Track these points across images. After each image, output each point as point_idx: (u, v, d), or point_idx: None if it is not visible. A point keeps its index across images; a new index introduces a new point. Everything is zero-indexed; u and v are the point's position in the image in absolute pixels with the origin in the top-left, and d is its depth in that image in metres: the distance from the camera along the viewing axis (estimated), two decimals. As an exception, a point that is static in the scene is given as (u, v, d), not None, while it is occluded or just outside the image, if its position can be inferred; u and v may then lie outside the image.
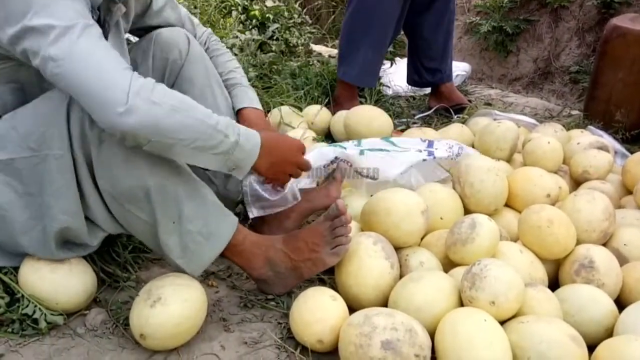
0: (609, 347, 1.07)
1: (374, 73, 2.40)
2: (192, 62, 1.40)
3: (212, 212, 1.21)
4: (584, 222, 1.39)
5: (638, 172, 1.66)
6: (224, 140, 1.12)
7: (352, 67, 2.31)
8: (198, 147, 1.10)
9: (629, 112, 2.19)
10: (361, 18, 2.26)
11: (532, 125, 2.20)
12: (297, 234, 1.31)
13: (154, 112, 1.03)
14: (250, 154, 1.19)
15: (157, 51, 1.39)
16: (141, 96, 1.02)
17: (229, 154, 1.15)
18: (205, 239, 1.20)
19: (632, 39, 2.15)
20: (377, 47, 2.30)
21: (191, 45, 1.41)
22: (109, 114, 1.01)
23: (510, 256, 1.32)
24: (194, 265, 1.22)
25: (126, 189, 1.14)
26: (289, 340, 1.20)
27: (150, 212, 1.16)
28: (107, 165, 1.12)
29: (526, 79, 3.34)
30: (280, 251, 1.28)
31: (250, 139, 1.19)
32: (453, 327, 1.08)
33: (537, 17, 3.34)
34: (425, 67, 2.53)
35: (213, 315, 1.27)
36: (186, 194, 1.18)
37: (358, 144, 1.62)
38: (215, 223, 1.21)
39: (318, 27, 3.49)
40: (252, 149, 1.19)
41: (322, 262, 1.27)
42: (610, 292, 1.27)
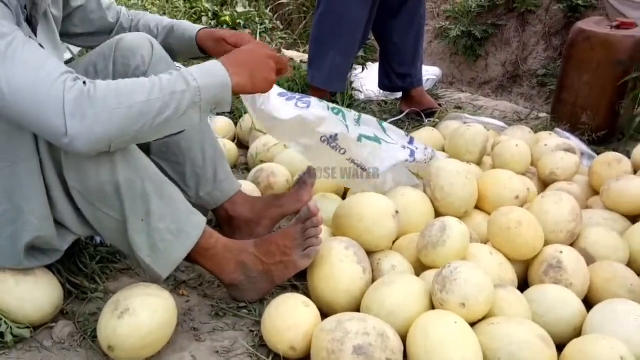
0: (577, 346, 1.08)
1: (343, 77, 2.40)
2: (156, 67, 1.36)
3: (180, 209, 1.20)
4: (552, 223, 1.42)
5: (604, 173, 1.69)
6: (182, 97, 1.07)
7: (320, 71, 2.31)
8: (162, 121, 1.06)
9: (595, 114, 2.23)
10: (329, 22, 2.27)
11: (501, 128, 2.23)
12: (269, 237, 1.30)
13: (97, 127, 1.00)
14: (221, 84, 1.12)
15: (118, 57, 1.36)
16: (77, 117, 0.98)
17: (197, 102, 1.10)
18: (175, 236, 1.18)
19: (597, 42, 2.19)
20: (345, 52, 2.30)
21: (155, 50, 1.38)
22: (58, 144, 1.01)
23: (481, 258, 1.33)
24: (163, 264, 1.19)
25: (96, 185, 1.12)
26: (261, 348, 1.19)
27: (119, 209, 1.14)
28: (75, 163, 1.10)
29: (495, 82, 3.39)
30: (252, 255, 1.27)
31: (211, 71, 1.13)
32: (424, 330, 1.08)
33: (505, 21, 3.39)
34: (395, 72, 2.55)
35: (184, 325, 1.25)
36: (154, 191, 1.16)
37: (357, 122, 1.55)
38: (184, 221, 1.20)
39: (289, 33, 3.49)
40: (219, 79, 1.12)
41: (294, 265, 1.26)
42: (578, 292, 1.29)
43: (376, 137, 1.54)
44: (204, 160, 1.45)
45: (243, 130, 2.16)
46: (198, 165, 1.45)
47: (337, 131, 1.48)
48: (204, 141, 1.45)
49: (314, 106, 1.48)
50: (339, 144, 1.50)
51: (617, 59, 2.14)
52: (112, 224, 1.16)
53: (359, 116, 1.57)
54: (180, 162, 1.45)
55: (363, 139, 1.51)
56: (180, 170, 1.45)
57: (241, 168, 2.03)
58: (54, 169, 1.11)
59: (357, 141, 1.50)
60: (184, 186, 1.45)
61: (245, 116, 2.18)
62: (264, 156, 1.93)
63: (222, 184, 1.48)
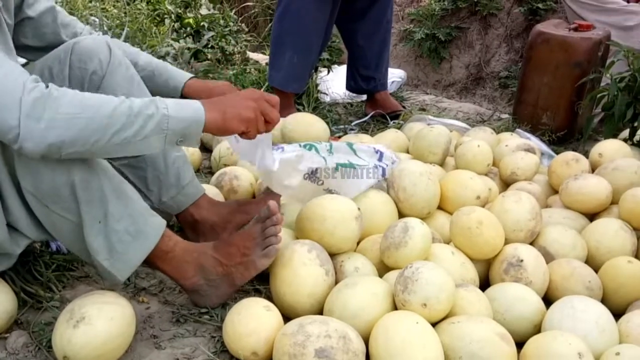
0: (536, 343, 1.09)
1: (301, 78, 2.38)
2: (114, 72, 1.33)
3: (139, 211, 1.17)
4: (512, 222, 1.43)
5: (563, 172, 1.73)
6: (148, 121, 1.05)
7: (278, 71, 2.31)
8: (120, 140, 1.03)
9: (555, 115, 2.28)
10: (287, 23, 2.26)
11: (464, 130, 2.26)
12: (228, 239, 1.28)
13: (51, 132, 0.97)
14: (193, 119, 1.09)
15: (74, 61, 1.31)
16: (32, 118, 0.96)
17: (164, 130, 1.07)
18: (133, 238, 1.15)
19: (555, 44, 2.24)
20: (303, 52, 2.29)
21: (113, 54, 1.34)
22: (9, 143, 0.98)
23: (443, 258, 1.34)
24: (121, 266, 1.16)
25: (50, 187, 1.08)
26: (222, 354, 1.17)
27: (75, 211, 1.11)
28: (28, 164, 1.06)
29: (459, 84, 3.43)
30: (212, 257, 1.25)
31: (186, 104, 1.10)
32: (386, 331, 1.08)
33: (468, 24, 3.45)
34: (360, 75, 2.56)
35: (143, 333, 1.22)
36: (112, 192, 1.13)
37: (330, 151, 1.57)
38: (143, 222, 1.17)
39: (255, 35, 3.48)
40: (193, 113, 1.09)
41: (254, 265, 1.25)
42: (538, 290, 1.30)
43: (350, 163, 1.55)
44: (166, 164, 1.43)
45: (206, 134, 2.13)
46: (160, 170, 1.42)
47: (316, 165, 1.51)
48: None
49: (288, 149, 1.51)
50: (318, 177, 1.53)
51: (575, 60, 2.19)
52: (67, 226, 1.13)
53: (330, 146, 1.59)
54: (142, 166, 1.42)
55: (339, 167, 1.53)
56: (141, 175, 1.42)
57: (204, 172, 2.01)
58: (5, 170, 1.08)
59: (335, 170, 1.53)
60: (146, 191, 1.43)
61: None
62: (228, 159, 1.91)
63: (185, 188, 1.46)
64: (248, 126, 1.17)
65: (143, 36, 2.70)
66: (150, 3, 3.10)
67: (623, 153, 1.79)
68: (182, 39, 2.87)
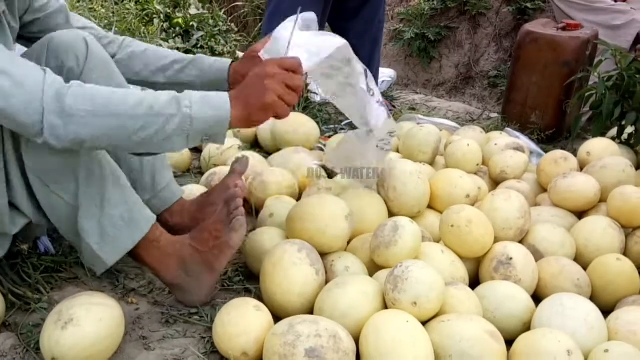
0: (526, 341, 1.10)
1: None
2: (92, 68, 1.28)
3: (133, 200, 1.20)
4: (501, 220, 1.44)
5: (552, 171, 1.74)
6: (169, 121, 1.03)
7: None
8: (142, 139, 1.03)
9: (543, 114, 2.29)
10: (277, 21, 2.25)
11: (454, 129, 2.27)
12: (201, 226, 1.28)
13: (71, 128, 1.00)
14: (218, 119, 1.06)
15: (51, 57, 1.26)
16: (55, 113, 0.99)
17: (185, 131, 1.05)
18: (126, 224, 1.17)
19: (544, 43, 2.25)
20: None
21: (90, 49, 1.29)
22: (31, 137, 1.02)
23: (433, 257, 1.34)
24: (109, 250, 1.17)
25: (54, 165, 1.11)
26: (213, 355, 1.17)
27: (74, 193, 1.13)
28: (35, 144, 1.06)
29: (449, 84, 3.45)
30: (189, 247, 1.26)
31: (212, 101, 1.06)
32: (376, 330, 1.08)
33: (457, 24, 3.46)
34: None
35: (132, 334, 1.21)
36: (110, 177, 1.16)
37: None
38: (137, 210, 1.19)
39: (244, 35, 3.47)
40: (218, 112, 1.06)
41: (227, 245, 1.24)
42: (527, 288, 1.31)
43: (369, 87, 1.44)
44: (142, 166, 1.40)
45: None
46: (136, 172, 1.39)
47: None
48: None
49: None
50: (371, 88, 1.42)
51: (563, 59, 2.21)
52: (64, 208, 1.15)
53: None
54: None
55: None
56: None
57: (194, 172, 2.00)
58: (12, 147, 1.10)
59: None
60: None
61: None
62: (218, 159, 1.90)
63: (161, 192, 1.43)
64: (275, 110, 1.11)
65: (132, 36, 2.68)
66: (138, 3, 3.08)
67: (611, 151, 1.81)
68: (172, 39, 2.86)
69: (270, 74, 1.10)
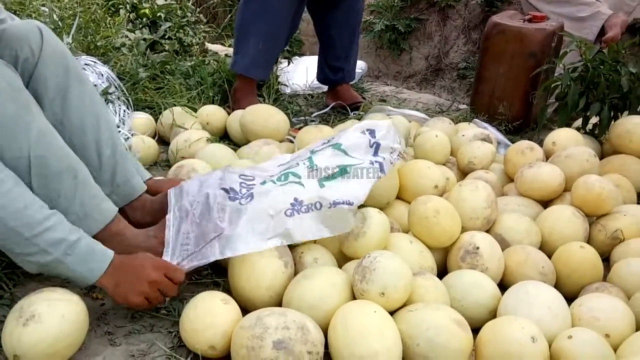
0: (492, 328, 1.11)
1: (264, 66, 2.35)
2: (47, 59, 1.25)
3: (92, 194, 1.18)
4: (469, 210, 1.45)
5: (518, 161, 1.76)
6: (43, 255, 1.09)
7: (242, 57, 2.28)
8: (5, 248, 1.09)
9: (511, 104, 2.32)
10: (252, 8, 2.24)
11: (423, 120, 2.28)
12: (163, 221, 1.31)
13: None
14: (80, 277, 1.13)
15: (5, 49, 1.23)
16: None
17: (46, 267, 1.11)
18: (80, 220, 1.16)
19: (510, 35, 2.27)
20: (268, 40, 2.27)
21: (45, 39, 1.26)
22: None
23: (401, 247, 1.35)
24: None
25: (8, 160, 1.08)
26: (180, 349, 1.15)
27: (28, 186, 1.11)
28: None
29: (419, 75, 3.46)
30: (154, 238, 1.27)
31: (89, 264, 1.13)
32: (344, 321, 1.08)
33: (427, 16, 3.47)
34: (328, 65, 2.56)
35: (97, 330, 1.19)
36: (67, 172, 1.14)
37: (311, 166, 1.38)
38: (94, 205, 1.18)
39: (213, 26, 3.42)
40: (86, 274, 1.13)
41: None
42: (494, 276, 1.33)
43: (341, 168, 1.37)
44: (100, 160, 1.35)
45: (164, 126, 2.09)
46: (93, 166, 1.34)
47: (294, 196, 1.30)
48: (99, 139, 1.35)
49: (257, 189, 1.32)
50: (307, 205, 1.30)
51: (529, 51, 2.23)
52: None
53: (309, 159, 1.40)
54: None
55: (324, 183, 1.35)
56: None
57: (162, 164, 1.97)
58: None
59: (320, 188, 1.33)
60: None
61: (166, 112, 2.12)
62: (186, 152, 1.88)
63: (120, 187, 1.39)
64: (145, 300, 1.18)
65: (97, 27, 2.62)
66: (104, -8, 3.01)
67: (576, 141, 1.84)
68: (138, 29, 2.80)
69: (151, 279, 1.17)
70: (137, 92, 2.26)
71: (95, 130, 1.35)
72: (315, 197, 1.28)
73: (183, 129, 2.01)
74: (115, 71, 2.23)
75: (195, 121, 2.07)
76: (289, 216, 1.25)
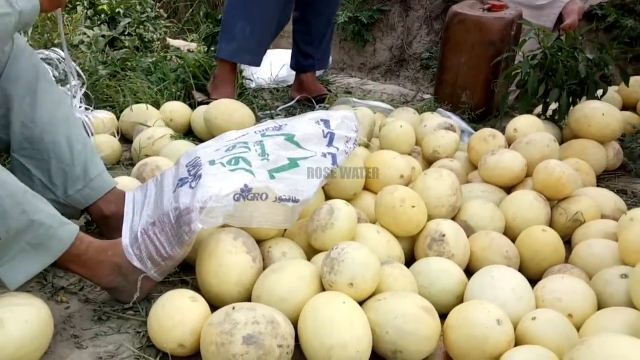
0: (459, 313, 1.13)
1: (253, 51, 2.31)
2: (17, 58, 1.26)
3: (46, 223, 1.11)
4: (434, 198, 1.47)
5: (481, 148, 1.79)
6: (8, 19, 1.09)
7: (227, 43, 2.25)
8: None
9: (473, 93, 2.35)
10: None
11: (388, 111, 2.29)
12: None
13: None
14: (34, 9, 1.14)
15: None
16: None
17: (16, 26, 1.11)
18: (34, 249, 1.10)
19: (471, 24, 2.30)
20: (257, 25, 2.24)
21: (15, 39, 1.27)
22: None
23: (369, 237, 1.35)
24: (13, 275, 1.10)
25: None
26: (149, 349, 1.14)
27: None
28: None
29: (384, 67, 3.48)
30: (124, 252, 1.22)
31: None
32: (314, 313, 1.09)
33: (389, 7, 3.50)
34: (300, 51, 2.55)
35: (63, 334, 1.17)
36: (15, 206, 1.06)
37: (263, 155, 1.35)
38: (49, 235, 1.11)
39: (175, 22, 3.38)
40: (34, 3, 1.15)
41: None
42: (460, 262, 1.35)
43: (292, 161, 1.37)
44: (72, 156, 1.36)
45: (126, 124, 2.06)
46: (65, 162, 1.35)
47: (244, 182, 1.24)
48: (70, 135, 1.36)
49: (206, 176, 1.26)
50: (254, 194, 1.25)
51: (489, 40, 2.26)
52: None
53: (261, 148, 1.37)
54: (45, 158, 1.34)
55: (275, 174, 1.32)
56: (45, 167, 1.35)
57: (125, 164, 1.94)
58: None
59: (270, 179, 1.31)
60: (51, 185, 1.35)
61: (127, 110, 2.08)
62: (149, 150, 1.85)
63: (93, 181, 1.39)
64: None
65: (54, 24, 2.56)
66: (61, -11, 2.93)
67: (537, 128, 1.88)
68: (97, 26, 2.75)
69: None
70: (98, 90, 2.21)
71: (66, 127, 1.35)
72: (264, 187, 1.27)
73: (146, 126, 1.98)
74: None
75: (159, 118, 2.04)
76: (236, 201, 1.23)
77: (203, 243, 1.28)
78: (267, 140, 1.41)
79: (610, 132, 1.86)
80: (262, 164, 1.34)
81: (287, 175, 1.35)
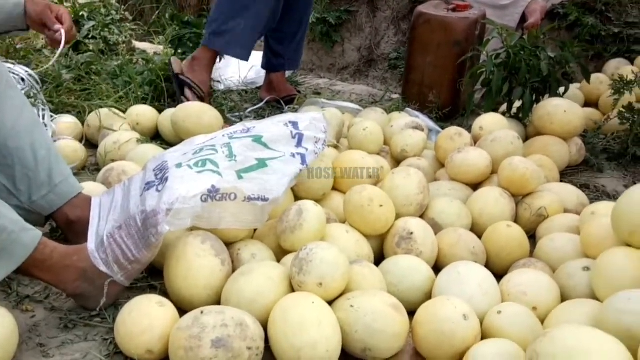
0: (426, 309, 1.15)
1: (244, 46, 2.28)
2: None
3: (7, 229, 1.08)
4: (402, 197, 1.49)
5: (447, 146, 1.81)
6: None
7: (220, 35, 2.21)
8: None
9: (440, 92, 2.38)
10: None
11: (357, 111, 2.31)
12: None
13: None
14: None
15: None
16: None
17: None
18: None
19: (435, 24, 2.33)
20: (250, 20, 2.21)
21: None
22: None
23: (338, 237, 1.36)
24: None
25: None
26: (116, 356, 1.13)
27: None
28: None
29: (352, 67, 3.50)
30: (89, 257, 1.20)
31: None
32: (283, 314, 1.09)
33: (357, 7, 3.51)
34: (271, 49, 2.54)
35: (29, 343, 1.15)
36: None
37: (230, 156, 1.34)
38: (10, 241, 1.09)
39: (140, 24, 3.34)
40: None
41: None
42: (428, 259, 1.37)
43: (260, 161, 1.37)
44: (36, 161, 1.34)
45: (91, 129, 2.03)
46: (29, 167, 1.33)
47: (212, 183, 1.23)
48: (34, 141, 1.34)
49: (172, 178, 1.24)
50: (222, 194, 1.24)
51: (454, 39, 2.30)
52: None
53: (229, 150, 1.36)
54: (9, 163, 1.32)
55: (243, 174, 1.31)
56: (9, 173, 1.32)
57: (91, 169, 1.90)
58: None
59: (238, 179, 1.30)
60: (15, 190, 1.33)
61: (92, 114, 2.05)
62: (115, 154, 1.82)
63: (58, 186, 1.37)
64: None
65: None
66: (21, -9, 2.87)
67: (501, 125, 1.91)
68: (60, 29, 2.69)
69: None
70: (61, 94, 2.18)
71: (29, 133, 1.34)
72: (232, 188, 1.26)
73: (111, 130, 1.95)
74: (37, 74, 2.13)
75: (124, 122, 2.01)
76: (203, 202, 1.22)
77: (171, 247, 1.27)
78: (235, 142, 1.41)
79: (572, 129, 1.91)
80: (230, 165, 1.33)
81: (255, 175, 1.34)
